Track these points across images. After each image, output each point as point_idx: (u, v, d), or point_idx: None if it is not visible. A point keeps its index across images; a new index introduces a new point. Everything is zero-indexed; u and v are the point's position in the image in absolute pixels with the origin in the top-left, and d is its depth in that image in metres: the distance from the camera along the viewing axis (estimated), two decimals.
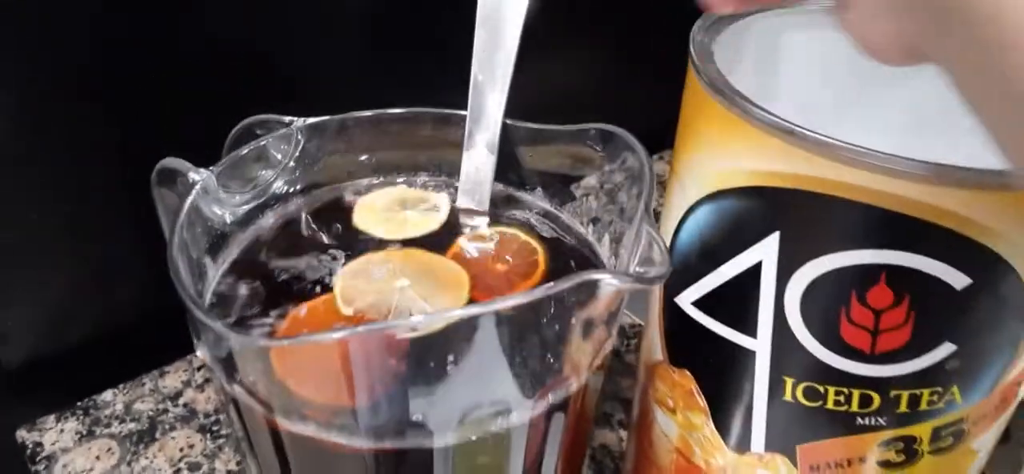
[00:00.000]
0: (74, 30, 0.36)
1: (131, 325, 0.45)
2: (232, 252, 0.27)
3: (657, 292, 0.28)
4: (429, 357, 0.19)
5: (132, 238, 0.43)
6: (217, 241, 0.26)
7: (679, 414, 0.28)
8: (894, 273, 0.21)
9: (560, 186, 0.30)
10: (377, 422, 0.20)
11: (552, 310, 0.20)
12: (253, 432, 0.24)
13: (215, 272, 0.26)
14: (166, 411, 0.42)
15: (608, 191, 0.28)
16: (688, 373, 0.27)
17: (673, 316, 0.27)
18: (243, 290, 0.25)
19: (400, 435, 0.20)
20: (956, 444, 0.25)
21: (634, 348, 0.48)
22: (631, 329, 0.49)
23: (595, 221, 0.29)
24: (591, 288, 0.20)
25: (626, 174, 0.27)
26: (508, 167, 0.30)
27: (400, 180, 0.30)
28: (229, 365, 0.21)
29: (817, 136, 0.21)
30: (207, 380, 0.44)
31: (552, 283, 0.19)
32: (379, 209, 0.29)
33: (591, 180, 0.29)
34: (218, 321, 0.19)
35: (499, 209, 0.30)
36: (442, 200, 0.30)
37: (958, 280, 0.21)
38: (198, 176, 0.25)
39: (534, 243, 0.28)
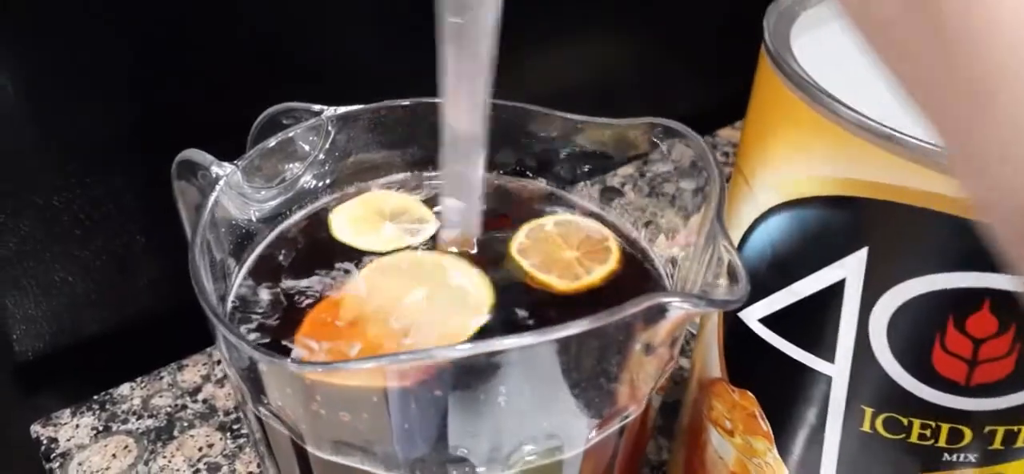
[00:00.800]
0: (92, 15, 0.34)
1: (148, 317, 0.43)
2: (257, 252, 0.25)
3: None
4: (475, 385, 0.17)
5: (150, 228, 0.41)
6: (241, 240, 0.24)
7: (738, 437, 0.26)
8: (999, 299, 0.19)
9: (602, 179, 0.28)
10: (415, 454, 0.18)
11: (613, 335, 0.18)
12: (277, 452, 0.22)
13: (238, 274, 0.24)
14: (185, 407, 0.40)
15: (654, 185, 0.25)
16: (750, 395, 0.25)
17: (736, 331, 0.25)
18: (266, 295, 0.23)
19: (441, 468, 0.18)
20: None
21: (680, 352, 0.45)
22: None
23: (648, 224, 0.26)
24: (659, 312, 0.17)
25: (675, 167, 0.25)
26: (547, 162, 0.28)
27: (435, 175, 0.28)
28: (254, 382, 0.19)
29: (918, 141, 0.18)
30: (226, 376, 0.42)
31: (615, 309, 0.17)
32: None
33: (629, 169, 0.26)
34: (245, 341, 0.17)
35: (541, 206, 0.28)
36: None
37: None
38: (222, 170, 0.23)
39: (601, 228, 0.26)
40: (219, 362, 0.43)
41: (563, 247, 0.26)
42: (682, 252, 0.24)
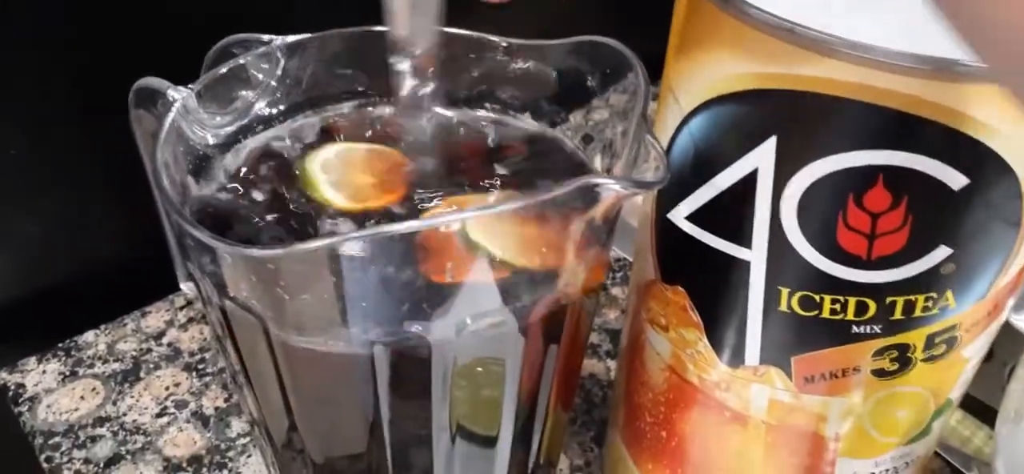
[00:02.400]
0: None
1: (109, 267, 0.44)
2: (215, 173, 0.26)
3: (650, 211, 0.28)
4: (421, 260, 0.19)
5: (108, 178, 0.42)
6: (199, 163, 0.26)
7: (672, 331, 0.28)
8: (892, 174, 0.21)
9: (549, 108, 0.29)
10: (372, 328, 0.20)
11: (550, 217, 0.20)
12: (248, 354, 0.23)
13: (197, 192, 0.25)
14: (150, 351, 0.41)
15: (599, 110, 0.27)
16: (681, 289, 0.27)
17: (666, 233, 0.27)
18: (228, 208, 0.24)
19: (397, 340, 0.20)
20: (948, 351, 0.25)
21: (619, 281, 0.48)
22: (617, 263, 0.49)
23: (587, 139, 0.28)
24: (590, 193, 0.19)
25: (619, 89, 0.26)
26: (491, 89, 0.29)
27: (390, 104, 0.29)
28: (218, 280, 0.21)
29: (816, 32, 0.20)
30: (191, 319, 0.43)
31: (553, 187, 0.18)
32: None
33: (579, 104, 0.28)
34: (205, 231, 0.18)
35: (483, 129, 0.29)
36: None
37: (956, 180, 0.21)
38: (177, 94, 0.24)
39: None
40: (182, 308, 0.44)
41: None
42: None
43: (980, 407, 0.39)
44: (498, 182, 0.25)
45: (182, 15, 0.39)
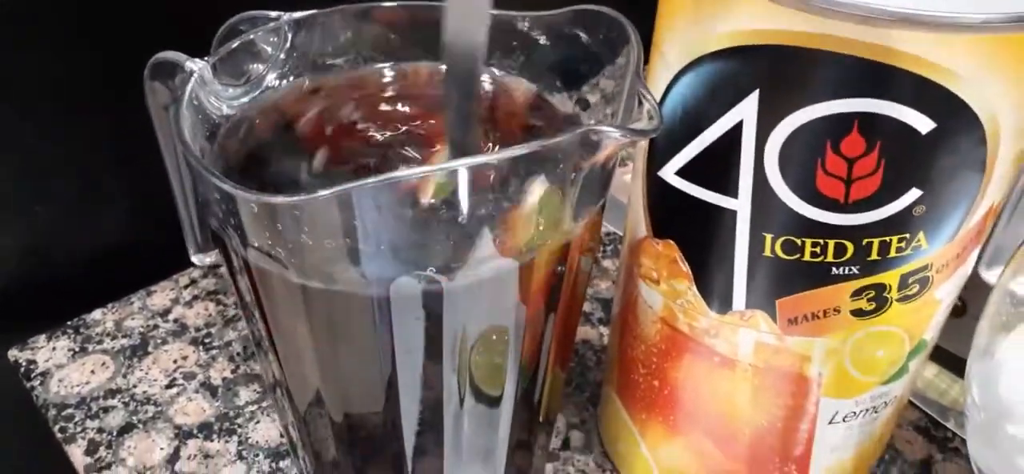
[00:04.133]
0: None
1: (115, 248, 0.45)
2: (231, 139, 0.27)
3: (641, 169, 0.29)
4: (435, 205, 0.20)
5: (114, 162, 0.43)
6: (214, 131, 0.27)
7: (663, 284, 0.30)
8: (865, 120, 0.23)
9: (550, 74, 0.31)
10: (390, 270, 0.21)
11: (549, 164, 0.22)
12: (272, 311, 0.25)
13: (215, 155, 0.26)
14: (157, 327, 0.42)
15: (600, 78, 0.29)
16: (672, 242, 0.29)
17: (656, 189, 0.29)
18: (246, 163, 0.26)
19: (413, 282, 0.22)
20: (921, 292, 0.27)
21: (610, 254, 0.50)
22: (607, 237, 0.51)
23: (584, 104, 0.30)
24: (591, 140, 0.21)
25: (616, 56, 0.28)
26: (493, 56, 0.31)
27: (397, 68, 0.31)
28: (242, 233, 0.22)
29: None
30: (196, 297, 0.44)
31: (557, 134, 0.20)
32: None
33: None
34: (224, 179, 0.20)
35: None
36: None
37: (923, 124, 0.23)
38: (195, 66, 0.26)
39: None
40: (187, 286, 0.45)
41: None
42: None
43: (956, 361, 0.42)
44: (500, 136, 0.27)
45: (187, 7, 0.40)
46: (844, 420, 0.30)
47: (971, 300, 0.38)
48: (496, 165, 0.20)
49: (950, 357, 0.42)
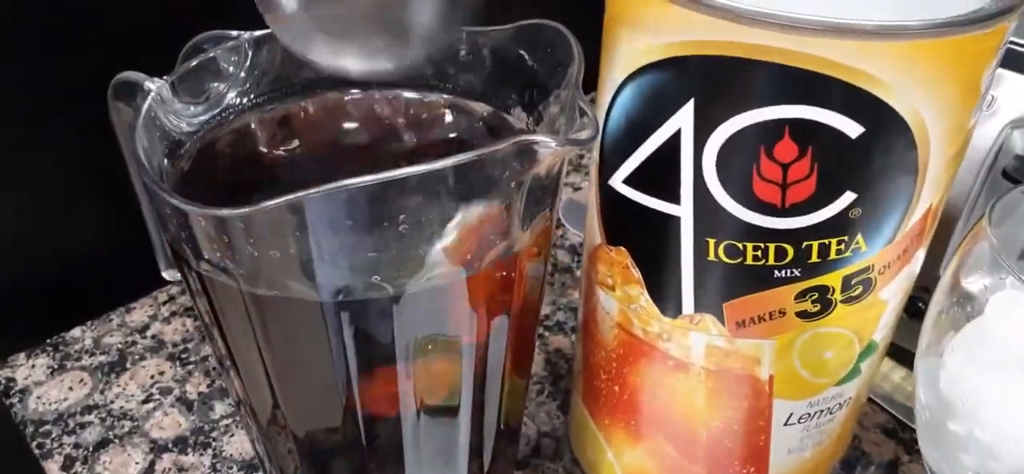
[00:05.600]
0: None
1: (94, 265, 0.46)
2: (190, 156, 0.28)
3: (594, 178, 0.30)
4: (376, 213, 0.21)
5: (92, 178, 0.44)
6: (174, 148, 0.28)
7: (618, 290, 0.30)
8: (797, 126, 0.23)
9: (498, 91, 0.32)
10: (338, 281, 0.22)
11: (490, 174, 0.22)
12: (229, 327, 0.25)
13: (174, 173, 0.27)
14: (135, 343, 0.43)
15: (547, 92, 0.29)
16: (623, 249, 0.29)
17: (607, 198, 0.29)
18: (202, 184, 0.26)
19: (362, 291, 0.22)
20: (866, 293, 0.27)
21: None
22: (581, 247, 0.52)
23: (538, 119, 0.31)
24: (529, 151, 0.22)
25: (562, 69, 0.28)
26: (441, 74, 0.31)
27: (354, 91, 0.32)
28: (194, 246, 0.23)
29: (720, 2, 0.23)
30: (173, 313, 0.45)
31: (495, 143, 0.21)
32: None
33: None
34: (178, 197, 0.21)
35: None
36: None
37: (852, 129, 0.23)
38: (153, 85, 0.27)
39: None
40: (165, 302, 0.46)
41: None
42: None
43: None
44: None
45: (158, 15, 0.41)
46: (800, 422, 0.31)
47: (928, 300, 0.39)
48: (437, 173, 0.21)
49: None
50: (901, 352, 0.42)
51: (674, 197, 0.26)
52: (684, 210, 0.26)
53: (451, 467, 0.32)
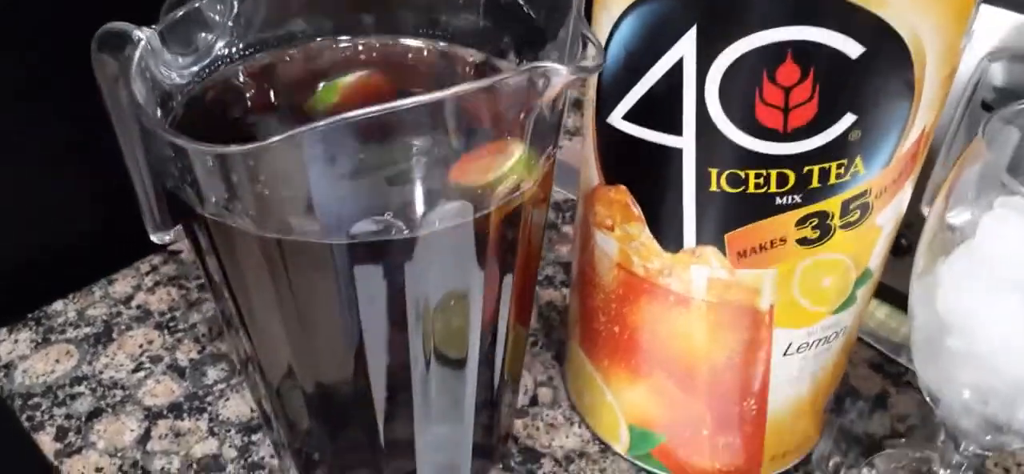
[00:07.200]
0: None
1: (74, 239, 0.45)
2: (182, 106, 0.27)
3: (590, 119, 0.30)
4: (388, 143, 0.21)
5: (69, 151, 0.43)
6: (165, 99, 0.27)
7: (617, 229, 0.31)
8: (799, 48, 0.24)
9: (493, 36, 0.31)
10: (347, 218, 0.22)
11: (498, 104, 0.22)
12: (237, 280, 0.25)
13: (167, 122, 0.27)
14: (120, 314, 0.42)
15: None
16: (623, 187, 0.30)
17: (606, 136, 0.29)
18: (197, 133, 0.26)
19: (373, 231, 0.22)
20: (863, 218, 0.28)
21: (569, 219, 0.50)
22: (565, 204, 0.52)
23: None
24: (539, 78, 0.21)
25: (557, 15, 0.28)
26: (436, 19, 0.31)
27: (344, 40, 0.31)
28: (199, 191, 0.23)
29: None
30: (158, 283, 0.44)
31: (507, 72, 0.21)
32: None
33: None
34: (178, 134, 0.20)
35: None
36: None
37: (853, 49, 0.24)
38: (142, 34, 0.26)
39: None
40: (148, 273, 0.45)
41: None
42: None
43: (905, 301, 0.43)
44: None
45: None
46: (798, 351, 0.31)
47: (915, 240, 0.39)
48: (448, 102, 0.20)
49: (900, 297, 0.43)
50: (885, 290, 0.43)
51: (676, 129, 0.26)
52: (686, 141, 0.27)
53: (458, 415, 0.32)
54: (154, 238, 0.32)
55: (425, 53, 0.30)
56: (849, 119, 0.25)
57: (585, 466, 0.36)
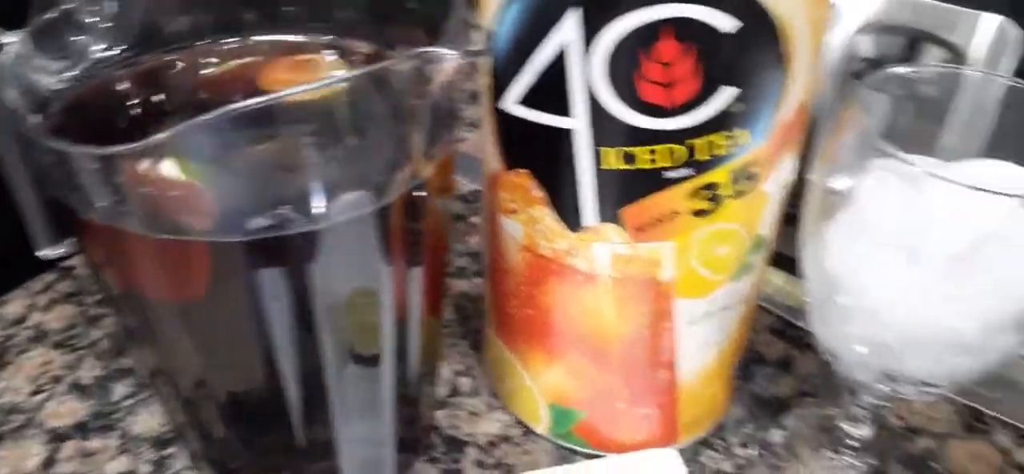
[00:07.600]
0: None
1: None
2: (60, 112, 0.26)
3: (487, 105, 0.30)
4: (271, 139, 0.21)
5: None
6: (43, 105, 0.26)
7: (521, 213, 0.31)
8: (677, 25, 0.24)
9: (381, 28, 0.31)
10: (243, 216, 0.22)
11: (389, 91, 0.22)
12: (134, 281, 0.24)
13: (45, 128, 0.26)
14: (14, 336, 0.41)
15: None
16: (523, 171, 0.30)
17: (502, 122, 0.30)
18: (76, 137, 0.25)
19: (269, 226, 0.22)
20: (751, 186, 0.29)
21: (478, 211, 0.51)
22: (471, 195, 0.52)
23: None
24: (426, 63, 0.22)
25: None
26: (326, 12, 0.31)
27: (233, 40, 0.31)
28: (86, 197, 0.22)
29: None
30: (53, 301, 0.43)
31: (393, 57, 0.21)
32: None
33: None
34: (58, 141, 0.20)
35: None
36: None
37: (727, 23, 0.24)
38: (6, 38, 0.25)
39: None
40: (41, 291, 0.43)
41: None
42: None
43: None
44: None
45: None
46: (702, 319, 0.32)
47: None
48: (338, 89, 0.20)
49: (795, 264, 0.45)
50: (781, 258, 0.45)
51: (567, 110, 0.27)
52: (577, 122, 0.27)
53: (378, 414, 0.32)
54: (43, 253, 0.31)
55: (315, 49, 0.30)
56: (730, 92, 0.26)
57: (509, 450, 0.36)
